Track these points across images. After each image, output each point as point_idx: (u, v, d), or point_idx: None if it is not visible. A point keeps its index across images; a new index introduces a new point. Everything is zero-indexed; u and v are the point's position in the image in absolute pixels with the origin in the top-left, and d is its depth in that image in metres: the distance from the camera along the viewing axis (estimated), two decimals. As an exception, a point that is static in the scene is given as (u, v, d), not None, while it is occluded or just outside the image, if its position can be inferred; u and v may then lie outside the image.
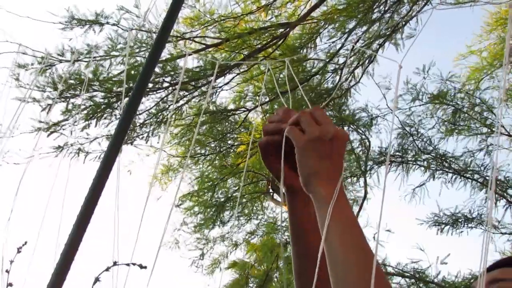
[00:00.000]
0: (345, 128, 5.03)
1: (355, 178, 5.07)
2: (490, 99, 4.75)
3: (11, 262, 1.23)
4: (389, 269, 4.83)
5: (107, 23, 4.10)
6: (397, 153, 4.89)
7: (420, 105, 4.75)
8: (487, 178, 4.68)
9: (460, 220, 4.76)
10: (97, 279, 1.04)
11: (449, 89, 4.72)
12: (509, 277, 0.97)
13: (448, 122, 4.78)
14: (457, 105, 4.73)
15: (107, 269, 1.02)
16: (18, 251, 1.24)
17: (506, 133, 4.65)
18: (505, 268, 1.00)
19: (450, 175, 4.80)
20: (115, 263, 0.98)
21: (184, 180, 5.61)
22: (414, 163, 4.88)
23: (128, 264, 0.98)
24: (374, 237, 4.88)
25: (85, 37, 4.06)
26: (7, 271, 1.22)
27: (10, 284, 1.20)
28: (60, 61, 3.95)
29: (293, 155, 0.91)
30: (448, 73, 4.74)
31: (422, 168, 4.86)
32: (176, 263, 6.23)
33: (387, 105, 4.67)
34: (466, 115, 4.75)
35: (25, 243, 1.25)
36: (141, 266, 1.02)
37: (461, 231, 4.78)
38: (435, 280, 4.56)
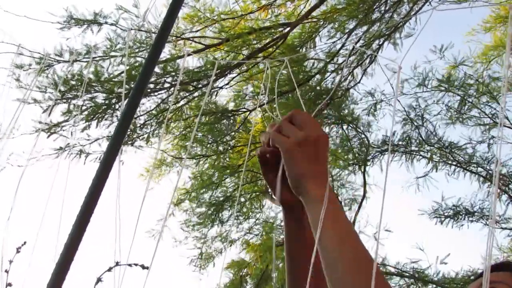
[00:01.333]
0: (344, 127, 5.04)
1: (354, 174, 5.06)
2: (496, 87, 4.71)
3: (10, 262, 1.23)
4: (389, 269, 4.82)
5: (106, 23, 4.09)
6: (400, 143, 4.87)
7: (425, 91, 4.71)
8: (489, 171, 4.68)
9: (461, 213, 4.76)
10: (99, 279, 1.04)
11: (458, 75, 4.68)
12: (499, 280, 1.02)
13: (453, 109, 4.74)
14: (463, 93, 4.69)
15: (110, 269, 1.02)
16: (17, 251, 1.24)
17: (509, 126, 4.63)
18: (498, 272, 1.05)
19: (452, 167, 4.79)
20: (117, 264, 0.99)
21: (181, 178, 5.61)
22: (417, 153, 4.86)
23: (130, 265, 0.98)
24: (375, 236, 4.88)
25: (83, 37, 4.06)
26: (6, 271, 1.22)
27: (10, 284, 1.20)
28: (59, 62, 3.94)
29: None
30: (461, 56, 4.68)
31: (425, 159, 4.85)
32: (169, 258, 6.23)
33: (391, 87, 4.58)
34: (471, 103, 4.72)
35: (24, 243, 1.25)
36: (143, 267, 1.02)
37: (462, 224, 4.78)
38: (435, 280, 4.56)
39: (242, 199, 5.79)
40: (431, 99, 4.78)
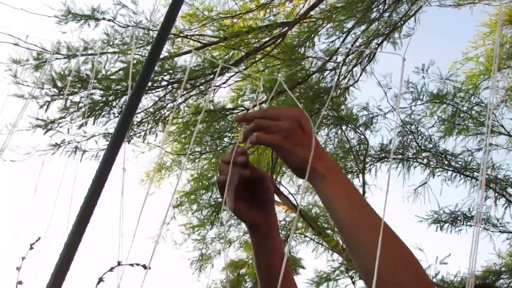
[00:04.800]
0: (343, 127, 5.03)
1: (354, 176, 5.05)
2: (487, 99, 4.75)
3: (23, 258, 1.20)
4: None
5: (103, 18, 4.06)
6: (398, 150, 4.88)
7: (420, 104, 4.75)
8: (486, 176, 4.68)
9: (459, 218, 4.76)
10: (101, 279, 1.02)
11: (449, 89, 4.73)
12: None
13: (447, 121, 4.78)
14: (457, 105, 4.73)
15: (111, 269, 1.00)
16: (31, 248, 1.21)
17: (506, 133, 4.65)
18: None
19: (449, 173, 4.80)
20: (119, 263, 0.96)
21: (180, 180, 5.61)
22: (414, 160, 4.87)
23: (132, 265, 0.96)
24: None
25: (81, 31, 4.02)
26: (18, 269, 1.19)
27: (20, 282, 1.17)
28: (56, 58, 3.90)
29: (252, 191, 0.97)
30: (447, 72, 4.74)
31: (422, 166, 4.85)
32: (169, 259, 6.21)
33: (387, 101, 4.66)
34: (465, 114, 4.75)
35: (39, 238, 1.22)
36: (144, 267, 1.00)
37: (460, 229, 4.78)
38: (434, 280, 4.55)
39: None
40: (424, 111, 4.82)
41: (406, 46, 4.48)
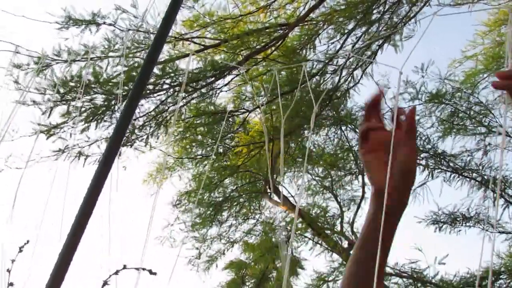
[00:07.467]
0: (343, 128, 5.04)
1: (354, 177, 5.06)
2: (488, 95, 4.75)
3: (13, 261, 1.22)
4: (387, 269, 4.82)
5: (104, 23, 4.08)
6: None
7: (419, 104, 4.75)
8: (485, 177, 4.69)
9: (458, 219, 4.75)
10: (105, 282, 1.03)
11: (448, 89, 4.73)
12: None
13: (446, 121, 4.77)
14: (455, 105, 4.73)
15: (116, 273, 1.02)
16: (20, 250, 1.24)
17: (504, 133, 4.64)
18: None
19: (448, 173, 4.79)
20: (124, 267, 0.98)
21: (181, 179, 5.64)
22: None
23: (137, 269, 0.98)
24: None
25: (81, 37, 4.03)
26: (8, 271, 1.21)
27: (11, 284, 1.19)
28: (57, 62, 3.92)
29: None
30: (446, 72, 4.75)
31: (421, 167, 4.85)
32: (171, 259, 6.22)
33: (385, 103, 4.67)
34: (464, 114, 4.75)
35: (27, 242, 1.24)
36: (150, 272, 1.01)
37: (459, 230, 4.78)
38: (433, 281, 4.56)
39: (241, 200, 5.79)
40: (423, 112, 4.82)
41: (408, 53, 4.49)
